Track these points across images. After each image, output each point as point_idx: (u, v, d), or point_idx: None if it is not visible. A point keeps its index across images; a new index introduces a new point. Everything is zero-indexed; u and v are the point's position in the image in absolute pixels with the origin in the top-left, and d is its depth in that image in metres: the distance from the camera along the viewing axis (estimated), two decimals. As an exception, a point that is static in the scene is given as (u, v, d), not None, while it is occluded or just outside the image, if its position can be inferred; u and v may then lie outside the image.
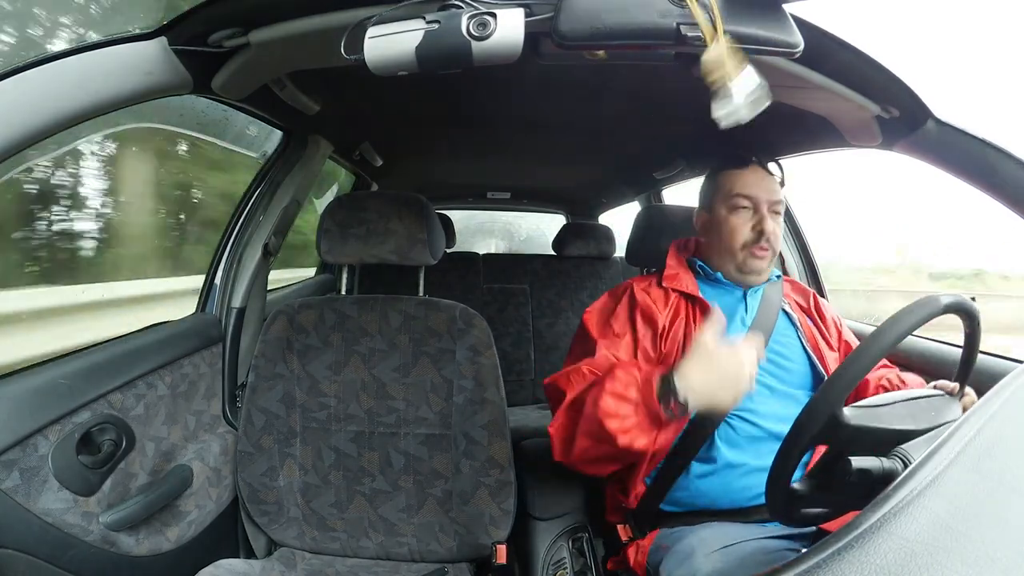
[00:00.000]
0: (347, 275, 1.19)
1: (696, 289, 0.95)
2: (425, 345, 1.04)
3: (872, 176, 1.74)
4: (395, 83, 0.70)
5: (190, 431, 1.03)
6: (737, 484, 0.84)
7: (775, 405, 0.86)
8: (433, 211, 1.09)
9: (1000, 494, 0.32)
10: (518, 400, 2.09)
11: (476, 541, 1.01)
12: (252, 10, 0.66)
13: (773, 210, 0.93)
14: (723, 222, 0.94)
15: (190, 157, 2.04)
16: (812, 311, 1.00)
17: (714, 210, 0.97)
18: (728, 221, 0.94)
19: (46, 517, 0.73)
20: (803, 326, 0.96)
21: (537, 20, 0.57)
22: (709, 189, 1.00)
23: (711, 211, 0.98)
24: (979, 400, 0.40)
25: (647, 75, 0.91)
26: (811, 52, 0.61)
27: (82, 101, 0.59)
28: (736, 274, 0.95)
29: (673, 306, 0.93)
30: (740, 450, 0.85)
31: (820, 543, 0.30)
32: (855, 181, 4.60)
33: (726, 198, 0.95)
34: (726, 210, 0.94)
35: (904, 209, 5.37)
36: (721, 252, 0.96)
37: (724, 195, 0.95)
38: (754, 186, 0.93)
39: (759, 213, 0.92)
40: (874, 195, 5.59)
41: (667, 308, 0.93)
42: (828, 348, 0.95)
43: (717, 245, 0.96)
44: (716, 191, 0.97)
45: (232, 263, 1.20)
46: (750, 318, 0.93)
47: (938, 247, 5.25)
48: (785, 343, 0.92)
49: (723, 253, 0.95)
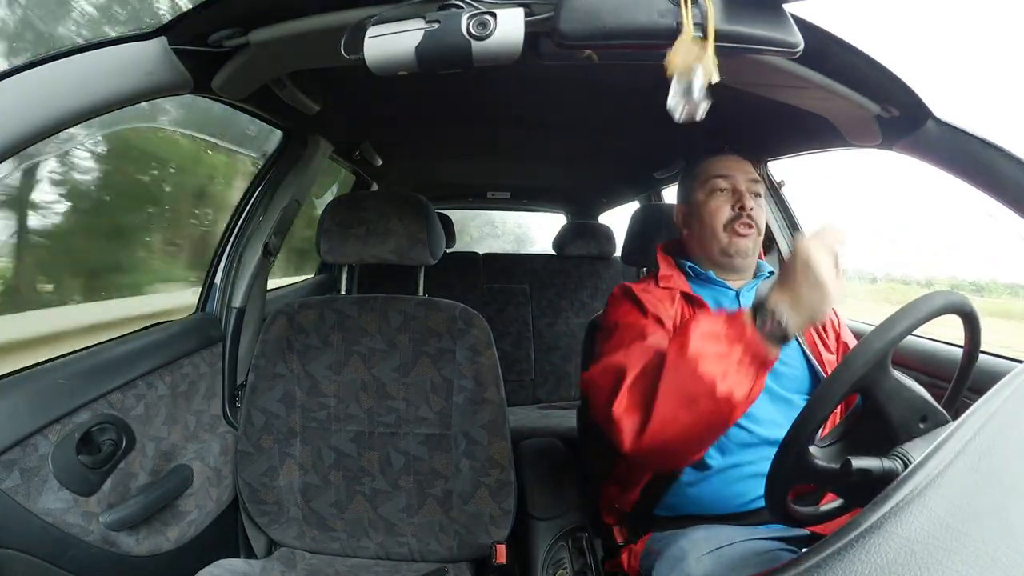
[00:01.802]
0: (347, 275, 1.19)
1: (689, 290, 0.93)
2: (425, 345, 1.04)
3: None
4: (395, 83, 0.70)
5: (190, 431, 1.03)
6: (728, 491, 0.83)
7: (771, 411, 0.85)
8: (433, 211, 1.09)
9: (1000, 494, 0.32)
10: (518, 400, 2.09)
11: (476, 541, 1.01)
12: (252, 10, 0.66)
13: (752, 190, 0.92)
14: (702, 206, 0.93)
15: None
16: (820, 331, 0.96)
17: (692, 199, 0.96)
18: (707, 204, 0.92)
19: (46, 517, 0.73)
20: (807, 340, 0.92)
21: (537, 20, 0.57)
22: (686, 182, 0.99)
23: (689, 202, 0.97)
24: (979, 400, 0.40)
25: (647, 75, 0.91)
26: (811, 52, 0.61)
27: (82, 101, 0.59)
28: (723, 259, 0.93)
29: (678, 305, 0.91)
30: (731, 456, 0.83)
31: (820, 543, 0.30)
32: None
33: (703, 183, 0.94)
34: (704, 194, 0.93)
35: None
36: (704, 238, 0.94)
37: (701, 181, 0.94)
38: (731, 167, 0.93)
39: (738, 191, 0.91)
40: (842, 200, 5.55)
41: (672, 307, 0.91)
42: (826, 350, 0.92)
43: (699, 232, 0.94)
44: (693, 180, 0.96)
45: (232, 263, 1.20)
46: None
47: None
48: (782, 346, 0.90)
49: (706, 239, 0.93)
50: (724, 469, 0.83)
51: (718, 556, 0.72)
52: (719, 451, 0.84)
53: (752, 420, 0.83)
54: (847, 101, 0.80)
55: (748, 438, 0.83)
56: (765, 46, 0.59)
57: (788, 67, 0.72)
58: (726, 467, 0.83)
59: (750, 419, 0.83)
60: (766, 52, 0.60)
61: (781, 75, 0.74)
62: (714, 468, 0.83)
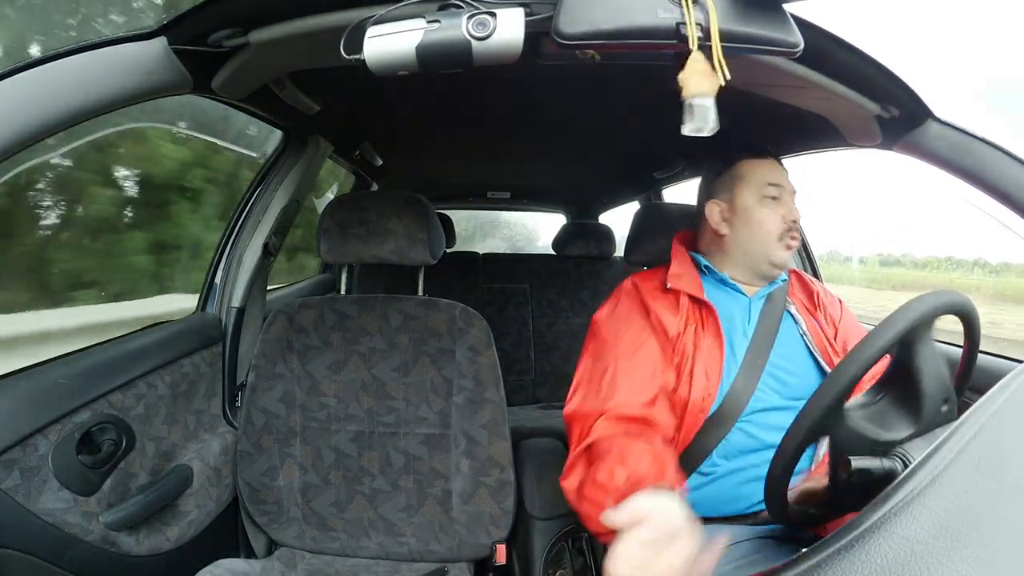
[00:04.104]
0: (347, 275, 1.19)
1: (701, 290, 0.90)
2: (425, 345, 1.04)
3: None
4: (395, 83, 0.70)
5: (190, 431, 1.03)
6: (730, 494, 0.82)
7: (778, 418, 0.83)
8: (433, 211, 1.09)
9: (1000, 494, 0.32)
10: (518, 400, 2.09)
11: (476, 541, 1.01)
12: (252, 10, 0.66)
13: (794, 200, 0.91)
14: (752, 211, 0.90)
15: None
16: (816, 310, 0.96)
17: (738, 201, 0.92)
18: (758, 211, 0.90)
19: (46, 517, 0.73)
20: (810, 330, 0.91)
21: (537, 20, 0.57)
22: (725, 180, 0.95)
23: (732, 202, 0.93)
24: (979, 400, 0.40)
25: (647, 75, 0.91)
26: (811, 52, 0.61)
27: (82, 101, 0.59)
28: (766, 268, 0.91)
29: (684, 312, 0.88)
30: (735, 460, 0.83)
31: (820, 543, 0.30)
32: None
33: (755, 187, 0.90)
34: (755, 200, 0.90)
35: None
36: (750, 245, 0.91)
37: (753, 185, 0.91)
38: (781, 176, 0.91)
39: (787, 203, 0.90)
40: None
41: (678, 315, 0.88)
42: (833, 351, 0.90)
43: (745, 237, 0.91)
44: (738, 180, 0.93)
45: (232, 263, 1.20)
46: (751, 328, 0.89)
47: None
48: (789, 354, 0.88)
49: (753, 246, 0.91)
50: (728, 474, 0.82)
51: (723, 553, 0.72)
52: (723, 457, 0.83)
53: (758, 427, 0.82)
54: (847, 101, 0.80)
55: (753, 443, 0.82)
56: (765, 46, 0.59)
57: (788, 67, 0.72)
58: (730, 472, 0.82)
59: (755, 425, 0.82)
60: (766, 52, 0.60)
61: (781, 75, 0.74)
62: (717, 473, 0.82)
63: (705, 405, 0.82)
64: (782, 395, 0.84)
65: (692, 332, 0.86)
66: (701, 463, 0.83)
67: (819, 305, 0.96)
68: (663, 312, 0.87)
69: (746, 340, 0.88)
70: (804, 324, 0.91)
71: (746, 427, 0.83)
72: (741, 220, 0.92)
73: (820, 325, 0.93)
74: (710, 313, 0.87)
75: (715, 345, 0.85)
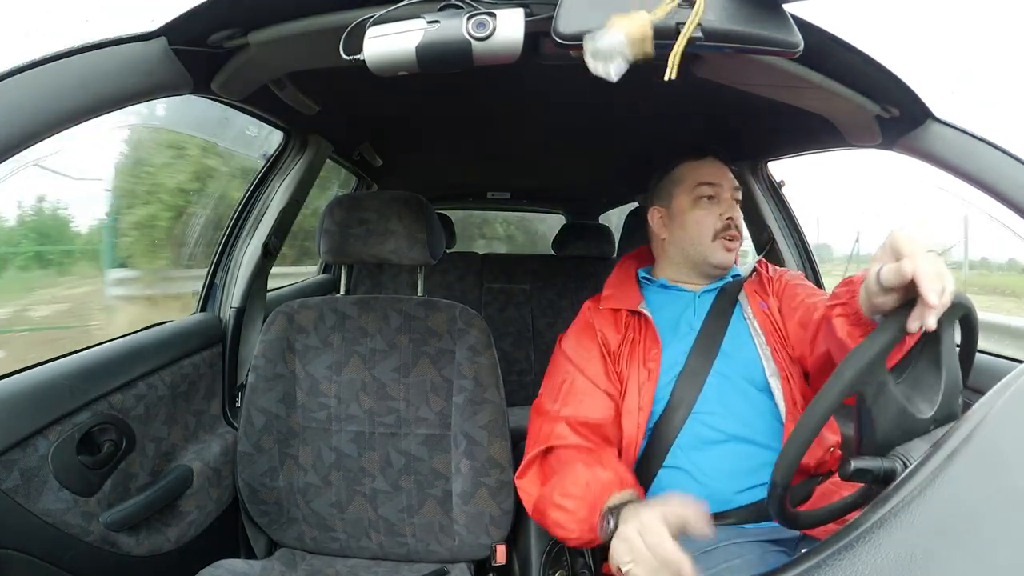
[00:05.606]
0: (347, 275, 1.19)
1: (638, 302, 0.92)
2: (425, 345, 1.04)
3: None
4: (395, 83, 0.70)
5: (190, 431, 1.03)
6: (704, 491, 0.81)
7: (733, 404, 0.84)
8: (433, 211, 1.09)
9: (1000, 494, 0.32)
10: (518, 400, 2.08)
11: (476, 541, 1.01)
12: (252, 10, 0.66)
13: (735, 198, 0.92)
14: (686, 213, 0.92)
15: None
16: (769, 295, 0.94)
17: (674, 204, 0.94)
18: (692, 212, 0.91)
19: (46, 517, 0.73)
20: (756, 314, 0.91)
21: (537, 20, 0.57)
22: (665, 184, 0.98)
23: (670, 206, 0.95)
24: (979, 400, 0.40)
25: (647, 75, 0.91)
26: (811, 52, 0.61)
27: (82, 101, 0.59)
28: (705, 268, 0.92)
29: (623, 326, 0.91)
30: (702, 454, 0.82)
31: (821, 543, 0.30)
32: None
33: (688, 189, 0.92)
34: (689, 201, 0.92)
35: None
36: (686, 246, 0.93)
37: (686, 187, 0.92)
38: (717, 175, 0.92)
39: (725, 201, 0.91)
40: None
41: (619, 330, 0.91)
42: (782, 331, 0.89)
43: (681, 239, 0.93)
44: (676, 183, 0.95)
45: (232, 263, 1.20)
46: (699, 321, 0.90)
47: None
48: (738, 343, 0.89)
49: (689, 247, 0.92)
50: (698, 469, 0.82)
51: (707, 557, 0.72)
52: (686, 452, 0.83)
53: (718, 417, 0.83)
54: (847, 101, 0.80)
55: (716, 436, 0.83)
56: (765, 46, 0.59)
57: (788, 67, 0.72)
58: (699, 467, 0.82)
59: (714, 417, 0.83)
60: (766, 52, 0.60)
61: (781, 75, 0.74)
62: (688, 469, 0.82)
63: (643, 404, 0.85)
64: (732, 380, 0.86)
65: (629, 344, 0.89)
66: (663, 460, 0.84)
67: (770, 289, 0.97)
68: (607, 328, 0.91)
69: (693, 333, 0.89)
70: (750, 309, 0.92)
71: (706, 417, 0.83)
72: (677, 223, 0.94)
73: (769, 307, 0.93)
74: (647, 322, 0.90)
75: (653, 347, 0.88)
